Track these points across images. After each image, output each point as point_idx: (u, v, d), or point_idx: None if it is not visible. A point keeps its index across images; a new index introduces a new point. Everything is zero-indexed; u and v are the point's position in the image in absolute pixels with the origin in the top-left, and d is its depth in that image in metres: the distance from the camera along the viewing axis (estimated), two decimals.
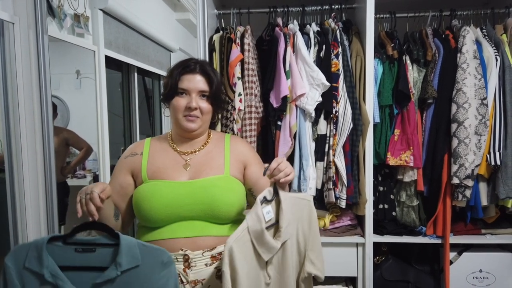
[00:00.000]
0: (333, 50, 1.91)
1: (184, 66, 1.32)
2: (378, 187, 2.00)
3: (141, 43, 3.69)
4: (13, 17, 1.78)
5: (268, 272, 1.21)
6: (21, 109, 1.85)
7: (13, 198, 1.88)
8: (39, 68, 1.84)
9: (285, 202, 1.21)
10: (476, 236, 1.97)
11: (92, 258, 1.08)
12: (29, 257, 1.06)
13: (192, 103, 1.29)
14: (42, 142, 1.91)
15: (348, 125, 1.87)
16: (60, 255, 1.07)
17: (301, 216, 1.28)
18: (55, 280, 1.04)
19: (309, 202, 1.30)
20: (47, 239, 1.08)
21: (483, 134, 1.81)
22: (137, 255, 1.08)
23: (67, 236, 1.09)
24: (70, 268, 1.07)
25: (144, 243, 1.11)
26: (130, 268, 1.07)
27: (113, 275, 1.05)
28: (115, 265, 1.06)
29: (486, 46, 1.88)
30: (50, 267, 1.05)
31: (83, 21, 2.54)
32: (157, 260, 1.09)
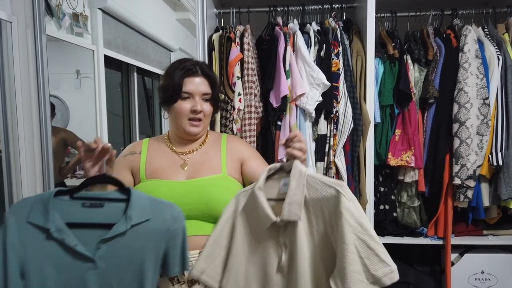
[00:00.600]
0: (334, 49, 1.90)
1: (186, 69, 1.31)
2: (379, 188, 1.99)
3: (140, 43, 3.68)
4: (11, 16, 1.77)
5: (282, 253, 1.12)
6: (19, 109, 1.84)
7: (11, 199, 1.86)
8: (37, 68, 1.83)
9: (295, 177, 1.09)
10: (478, 237, 1.96)
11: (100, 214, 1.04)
12: (33, 211, 1.01)
13: (197, 107, 1.29)
14: (40, 142, 1.90)
15: (349, 125, 1.85)
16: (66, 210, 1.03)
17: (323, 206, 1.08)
18: (60, 235, 1.00)
19: (338, 193, 1.04)
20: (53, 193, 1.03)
21: (485, 134, 1.80)
22: (148, 209, 1.05)
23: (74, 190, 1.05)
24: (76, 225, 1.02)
25: (154, 198, 1.09)
26: (140, 223, 1.04)
27: (123, 229, 1.02)
28: (125, 219, 1.02)
29: (488, 45, 1.86)
30: (56, 222, 1.00)
31: (82, 20, 2.53)
32: (167, 214, 1.07)
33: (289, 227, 1.11)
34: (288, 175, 1.13)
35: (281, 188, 1.13)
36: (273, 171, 1.17)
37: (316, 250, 1.10)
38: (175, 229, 1.08)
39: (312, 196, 1.09)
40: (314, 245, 1.10)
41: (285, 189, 1.12)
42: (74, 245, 1.00)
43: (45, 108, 1.88)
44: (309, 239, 1.10)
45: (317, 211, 1.09)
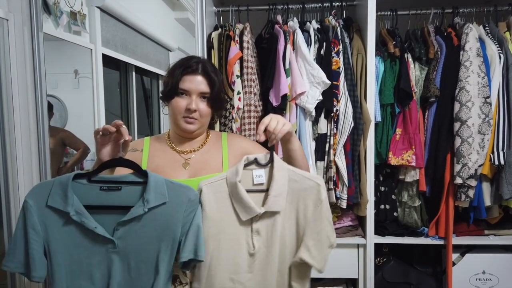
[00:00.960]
0: (334, 47, 1.88)
1: (186, 66, 1.30)
2: (380, 187, 1.97)
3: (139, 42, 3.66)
4: (8, 13, 1.75)
5: (253, 241, 1.20)
6: (16, 108, 1.82)
7: (7, 200, 1.84)
8: (34, 66, 1.81)
9: (280, 172, 1.19)
10: (479, 237, 1.94)
11: (117, 197, 1.06)
12: (52, 194, 1.03)
13: (192, 105, 1.27)
14: (37, 143, 1.88)
15: (349, 124, 1.84)
16: (84, 193, 1.05)
17: (304, 197, 1.21)
18: (79, 218, 1.03)
19: (318, 185, 1.21)
20: (72, 176, 1.05)
21: (487, 133, 1.78)
22: (165, 192, 1.07)
23: (92, 173, 1.07)
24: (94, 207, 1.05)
25: (171, 181, 1.10)
26: (157, 206, 1.06)
27: (141, 212, 1.05)
28: (142, 202, 1.05)
29: (489, 43, 1.85)
30: (75, 205, 1.03)
31: (79, 18, 2.51)
32: (184, 197, 1.09)
33: (265, 215, 1.20)
34: (261, 167, 1.21)
35: (254, 179, 1.20)
36: (246, 162, 1.22)
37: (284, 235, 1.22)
38: (192, 212, 1.10)
39: (292, 187, 1.21)
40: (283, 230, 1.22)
41: (258, 180, 1.20)
42: (93, 228, 1.03)
43: (42, 107, 1.86)
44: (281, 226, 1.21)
45: (294, 201, 1.21)
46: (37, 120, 1.86)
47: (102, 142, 1.13)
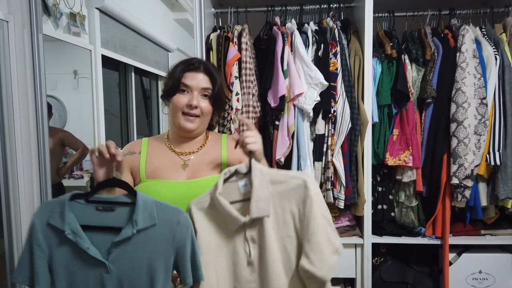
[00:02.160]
0: (332, 49, 1.89)
1: (188, 64, 1.31)
2: (377, 188, 1.99)
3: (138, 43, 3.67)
4: (8, 15, 1.76)
5: (250, 249, 1.17)
6: (16, 108, 1.83)
7: (7, 199, 1.85)
8: (34, 67, 1.82)
9: (258, 177, 1.15)
10: (476, 237, 1.96)
11: (111, 218, 1.07)
12: (52, 213, 1.06)
13: (193, 101, 1.27)
14: (37, 143, 1.89)
15: (347, 125, 1.85)
16: (81, 213, 1.07)
17: (290, 197, 1.16)
18: (75, 237, 1.04)
19: (304, 181, 1.14)
20: (70, 196, 1.07)
21: (483, 134, 1.80)
22: (154, 213, 1.06)
23: (89, 194, 1.08)
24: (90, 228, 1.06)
25: (161, 202, 1.09)
26: (147, 227, 1.06)
27: (129, 234, 1.05)
28: (131, 224, 1.05)
29: (485, 45, 1.87)
30: (71, 224, 1.05)
31: (79, 20, 2.52)
32: (173, 220, 1.08)
33: (256, 222, 1.16)
34: (244, 177, 1.17)
35: (240, 189, 1.17)
36: (229, 175, 1.19)
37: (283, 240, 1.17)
38: (182, 236, 1.08)
39: (279, 190, 1.16)
40: (281, 236, 1.16)
41: (245, 189, 1.16)
42: (86, 248, 1.04)
43: (42, 108, 1.87)
44: (276, 231, 1.16)
45: (284, 203, 1.16)
46: (36, 121, 1.87)
47: (97, 163, 1.14)
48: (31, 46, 1.81)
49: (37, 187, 1.89)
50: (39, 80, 1.84)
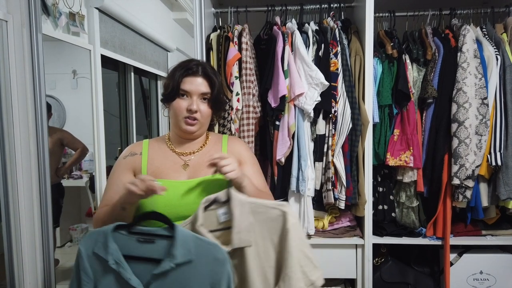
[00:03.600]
0: (332, 49, 1.89)
1: (187, 68, 1.32)
2: (378, 188, 1.98)
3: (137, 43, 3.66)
4: (7, 15, 1.75)
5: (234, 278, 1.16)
6: (15, 108, 1.82)
7: (7, 200, 1.84)
8: (33, 67, 1.81)
9: (238, 207, 1.15)
10: (477, 238, 1.96)
11: (152, 249, 1.10)
12: (97, 242, 1.11)
13: (193, 106, 1.29)
14: (36, 143, 1.88)
15: (347, 125, 1.85)
16: (124, 243, 1.11)
17: (271, 227, 1.16)
18: (117, 267, 1.08)
19: (284, 213, 1.14)
20: (113, 227, 1.11)
21: (484, 134, 1.79)
22: (192, 248, 1.08)
23: (131, 225, 1.12)
24: (132, 258, 1.10)
25: (199, 237, 1.10)
26: (185, 262, 1.07)
27: (167, 267, 1.07)
28: (169, 258, 1.07)
29: (486, 45, 1.86)
30: (114, 254, 1.09)
31: (78, 19, 2.51)
32: (210, 256, 1.09)
33: (237, 252, 1.16)
34: (223, 205, 1.17)
35: (219, 217, 1.16)
36: (208, 203, 1.18)
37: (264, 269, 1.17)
38: (219, 273, 1.08)
39: (259, 220, 1.16)
40: (262, 265, 1.17)
41: (224, 218, 1.16)
42: (128, 278, 1.08)
43: (41, 107, 1.86)
44: (257, 261, 1.16)
45: (264, 233, 1.16)
46: (36, 121, 1.86)
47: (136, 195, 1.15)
48: (30, 45, 1.80)
49: (36, 187, 1.89)
50: (38, 80, 1.83)
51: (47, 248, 1.92)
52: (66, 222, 3.32)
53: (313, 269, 1.15)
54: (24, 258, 1.87)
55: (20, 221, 1.85)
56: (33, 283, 1.92)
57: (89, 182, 3.31)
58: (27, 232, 1.88)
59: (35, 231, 1.90)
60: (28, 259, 1.88)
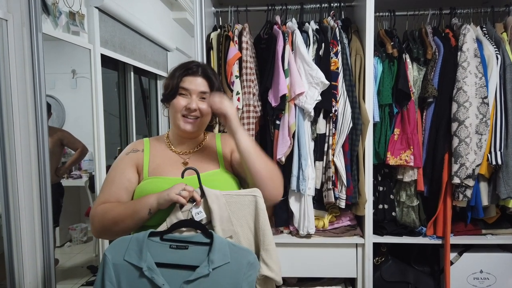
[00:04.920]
0: (333, 48, 1.89)
1: (187, 68, 1.34)
2: (378, 187, 1.98)
3: (137, 42, 3.65)
4: (7, 14, 1.75)
5: None
6: (15, 108, 1.82)
7: (7, 199, 1.84)
8: (33, 66, 1.81)
9: (214, 201, 1.19)
10: (477, 237, 1.96)
11: (184, 256, 1.13)
12: (129, 250, 1.13)
13: (192, 104, 1.31)
14: (36, 142, 1.88)
15: (348, 124, 1.85)
16: (157, 250, 1.13)
17: (246, 214, 1.23)
18: (151, 274, 1.11)
19: (255, 197, 1.23)
20: (148, 234, 1.14)
21: (484, 133, 1.80)
22: (228, 253, 1.13)
23: (164, 232, 1.15)
24: (164, 265, 1.13)
25: (233, 243, 1.16)
26: (221, 265, 1.12)
27: (205, 272, 1.10)
28: (207, 262, 1.11)
29: (486, 44, 1.86)
30: (148, 261, 1.11)
31: (78, 19, 2.51)
32: (244, 260, 1.14)
33: None
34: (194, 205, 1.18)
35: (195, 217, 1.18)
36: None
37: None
38: (251, 275, 1.15)
39: (234, 210, 1.22)
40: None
41: (199, 217, 1.18)
42: (161, 284, 1.10)
43: (42, 107, 1.86)
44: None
45: (242, 221, 1.23)
46: (36, 120, 1.86)
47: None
48: (31, 45, 1.80)
49: (37, 187, 1.89)
50: (39, 79, 1.83)
51: (47, 247, 1.92)
52: (65, 222, 3.32)
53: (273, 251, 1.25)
54: (24, 257, 1.87)
55: (20, 220, 1.85)
56: (33, 283, 1.91)
57: (89, 182, 3.31)
58: (27, 232, 1.88)
59: (35, 230, 1.90)
60: (28, 258, 1.88)
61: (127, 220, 1.20)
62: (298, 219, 1.92)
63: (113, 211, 1.23)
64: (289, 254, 1.97)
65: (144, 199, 1.21)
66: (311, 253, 1.97)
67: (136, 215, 1.20)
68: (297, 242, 1.96)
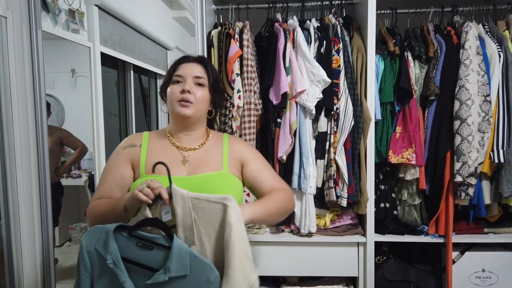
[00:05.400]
0: (334, 46, 1.88)
1: (182, 57, 1.35)
2: (379, 186, 1.97)
3: (137, 41, 3.64)
4: (6, 11, 1.73)
5: None
6: (14, 106, 1.81)
7: (6, 199, 1.83)
8: (33, 64, 1.80)
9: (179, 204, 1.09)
10: (479, 235, 1.95)
11: (148, 257, 1.10)
12: (99, 239, 1.11)
13: (185, 86, 1.28)
14: (36, 141, 1.87)
15: (349, 122, 1.84)
16: (123, 245, 1.10)
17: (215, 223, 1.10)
18: (115, 268, 1.08)
19: (225, 207, 1.07)
20: (115, 226, 1.11)
21: (487, 131, 1.79)
22: (187, 264, 1.07)
23: (133, 228, 1.11)
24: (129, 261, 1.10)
25: (195, 254, 1.08)
26: (178, 276, 1.07)
27: (161, 279, 1.06)
28: (164, 270, 1.06)
29: (488, 42, 1.85)
30: (113, 254, 1.09)
31: (78, 16, 2.50)
32: (204, 276, 1.07)
33: None
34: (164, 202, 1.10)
35: (162, 217, 1.11)
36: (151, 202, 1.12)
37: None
38: None
39: (202, 217, 1.10)
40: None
41: (167, 218, 1.11)
42: (122, 281, 1.08)
43: (41, 105, 1.85)
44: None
45: (209, 230, 1.10)
46: (35, 119, 1.85)
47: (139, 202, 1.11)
48: (30, 42, 1.79)
49: (36, 186, 1.87)
50: (38, 77, 1.82)
51: (46, 246, 1.91)
52: (65, 222, 3.31)
53: (252, 270, 1.09)
54: (24, 257, 1.86)
55: (20, 219, 1.84)
56: (33, 282, 1.90)
57: (88, 181, 3.30)
58: (26, 231, 1.86)
59: (35, 229, 1.88)
60: (27, 258, 1.87)
61: (110, 217, 1.17)
62: (299, 217, 1.91)
63: (100, 208, 1.23)
64: (290, 253, 1.96)
65: (123, 195, 1.19)
66: (312, 252, 1.96)
67: (115, 211, 1.18)
68: (298, 241, 1.95)
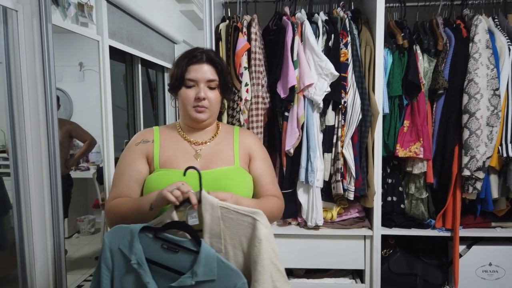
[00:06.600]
0: (342, 39, 1.88)
1: (191, 57, 1.30)
2: (387, 179, 1.98)
3: (144, 34, 3.65)
4: (17, 4, 1.75)
5: None
6: (25, 99, 1.82)
7: (18, 191, 1.85)
8: (43, 57, 1.81)
9: (208, 211, 1.08)
10: (486, 229, 1.95)
11: (173, 259, 1.09)
12: (124, 239, 1.11)
13: (200, 94, 1.27)
14: (46, 134, 1.89)
15: (357, 116, 1.84)
16: (148, 246, 1.10)
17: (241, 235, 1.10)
18: (139, 268, 1.08)
19: (254, 221, 1.07)
20: (141, 227, 1.10)
21: (495, 125, 1.78)
22: (214, 269, 1.06)
23: (159, 230, 1.10)
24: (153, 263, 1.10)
25: (223, 260, 1.07)
26: (205, 281, 1.05)
27: (188, 283, 1.05)
28: (191, 273, 1.05)
29: (498, 35, 1.84)
30: (137, 255, 1.09)
31: (87, 10, 2.50)
32: (231, 283, 1.06)
33: None
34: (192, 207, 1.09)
35: (188, 221, 1.10)
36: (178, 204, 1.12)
37: None
38: None
39: (229, 227, 1.10)
40: None
41: (193, 222, 1.10)
42: (146, 282, 1.07)
43: (52, 98, 1.86)
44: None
45: (235, 242, 1.11)
46: (46, 112, 1.86)
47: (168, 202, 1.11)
48: (40, 36, 1.80)
49: (47, 178, 1.90)
50: (48, 70, 1.83)
51: (57, 237, 1.94)
52: (73, 214, 3.35)
53: (284, 284, 1.09)
54: (35, 248, 1.88)
55: (31, 211, 1.87)
56: (44, 273, 1.93)
57: (97, 174, 3.33)
58: (38, 222, 1.89)
59: (46, 221, 1.91)
60: (39, 249, 1.90)
61: (133, 216, 1.18)
62: (306, 210, 1.92)
63: (122, 206, 1.23)
64: (297, 245, 1.97)
65: (149, 195, 1.19)
66: (319, 245, 1.97)
67: (140, 210, 1.18)
68: (305, 234, 1.96)
